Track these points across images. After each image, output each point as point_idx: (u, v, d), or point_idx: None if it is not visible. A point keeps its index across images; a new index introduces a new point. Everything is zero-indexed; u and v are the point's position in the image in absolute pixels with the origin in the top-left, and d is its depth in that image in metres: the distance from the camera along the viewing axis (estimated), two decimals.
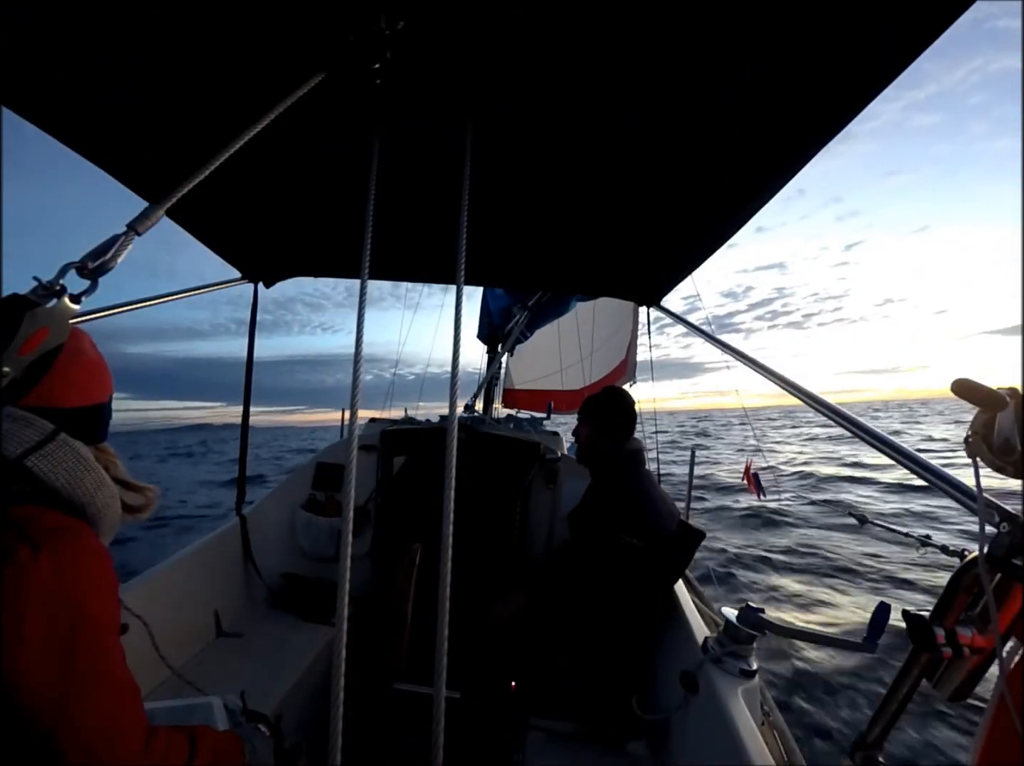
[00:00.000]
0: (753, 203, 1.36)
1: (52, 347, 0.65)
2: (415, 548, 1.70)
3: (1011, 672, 0.63)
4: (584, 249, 1.84)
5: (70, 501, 0.65)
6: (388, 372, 6.93)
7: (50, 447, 0.64)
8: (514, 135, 1.19)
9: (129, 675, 0.64)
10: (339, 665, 0.66)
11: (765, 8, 0.78)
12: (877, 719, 0.80)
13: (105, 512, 0.70)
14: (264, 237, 1.81)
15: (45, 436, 0.64)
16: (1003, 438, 0.65)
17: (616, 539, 1.52)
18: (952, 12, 0.73)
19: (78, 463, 0.67)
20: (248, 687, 1.12)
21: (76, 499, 0.66)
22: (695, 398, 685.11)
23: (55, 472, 0.64)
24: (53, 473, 0.64)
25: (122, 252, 0.68)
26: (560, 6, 0.80)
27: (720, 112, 1.04)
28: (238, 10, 0.84)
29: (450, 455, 0.76)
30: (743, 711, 1.09)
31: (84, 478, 0.67)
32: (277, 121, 0.84)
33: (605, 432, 1.77)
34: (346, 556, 0.71)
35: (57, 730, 0.54)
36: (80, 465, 0.67)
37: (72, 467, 0.66)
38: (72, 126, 1.13)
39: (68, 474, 0.65)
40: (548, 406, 4.28)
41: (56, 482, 0.64)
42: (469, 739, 1.46)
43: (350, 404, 0.79)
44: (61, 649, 0.55)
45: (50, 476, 0.63)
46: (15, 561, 0.54)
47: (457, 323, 0.88)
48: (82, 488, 0.66)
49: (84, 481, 0.67)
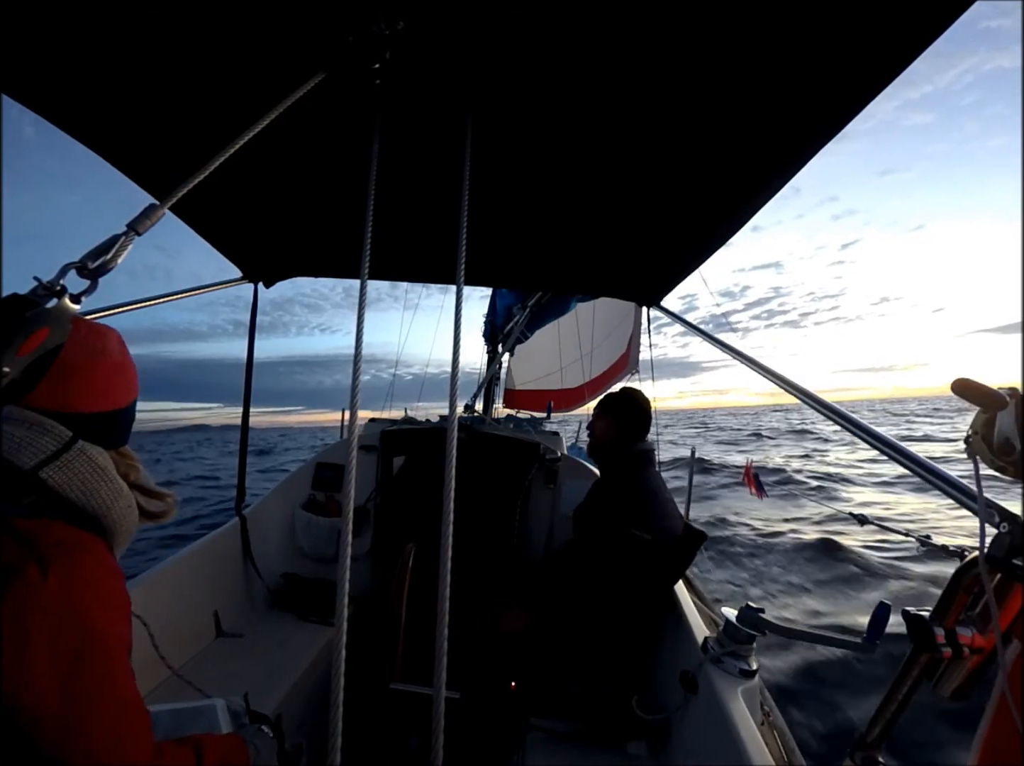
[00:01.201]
0: (753, 203, 1.36)
1: (52, 347, 0.65)
2: (408, 549, 1.70)
3: (1011, 672, 0.63)
4: (584, 249, 1.84)
5: (83, 512, 0.64)
6: (386, 372, 6.94)
7: (67, 457, 0.62)
8: (514, 135, 1.19)
9: (137, 694, 0.62)
10: (339, 665, 0.66)
11: (764, 9, 0.78)
12: (877, 719, 0.80)
13: (121, 522, 0.68)
14: (264, 237, 1.81)
15: (62, 445, 0.62)
16: (1003, 438, 0.64)
17: (627, 534, 1.52)
18: (949, 15, 0.73)
19: (95, 473, 0.65)
20: (248, 687, 1.12)
21: (90, 510, 0.64)
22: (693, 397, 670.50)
23: (70, 484, 0.62)
24: (68, 485, 0.62)
25: (122, 252, 0.68)
26: (559, 6, 0.80)
27: (719, 113, 1.04)
28: (239, 10, 0.84)
29: (450, 455, 0.76)
30: (743, 711, 1.09)
31: (100, 489, 0.65)
32: (277, 121, 0.84)
33: (620, 429, 1.79)
34: (346, 556, 0.71)
35: (63, 750, 0.53)
36: (96, 475, 0.65)
37: (88, 478, 0.64)
38: (80, 120, 1.14)
39: (84, 485, 0.63)
40: (548, 406, 4.29)
41: (70, 494, 0.62)
42: (469, 739, 1.46)
43: (350, 404, 0.79)
44: (68, 668, 0.54)
45: (64, 488, 0.61)
46: (23, 577, 0.53)
47: (457, 323, 0.88)
48: (97, 499, 0.65)
49: (100, 492, 0.65)
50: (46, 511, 0.60)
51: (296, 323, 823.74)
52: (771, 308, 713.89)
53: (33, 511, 0.59)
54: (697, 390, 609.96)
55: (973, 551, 0.72)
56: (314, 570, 2.33)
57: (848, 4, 0.76)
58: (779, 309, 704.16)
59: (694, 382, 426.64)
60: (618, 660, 1.52)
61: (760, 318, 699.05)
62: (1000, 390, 0.66)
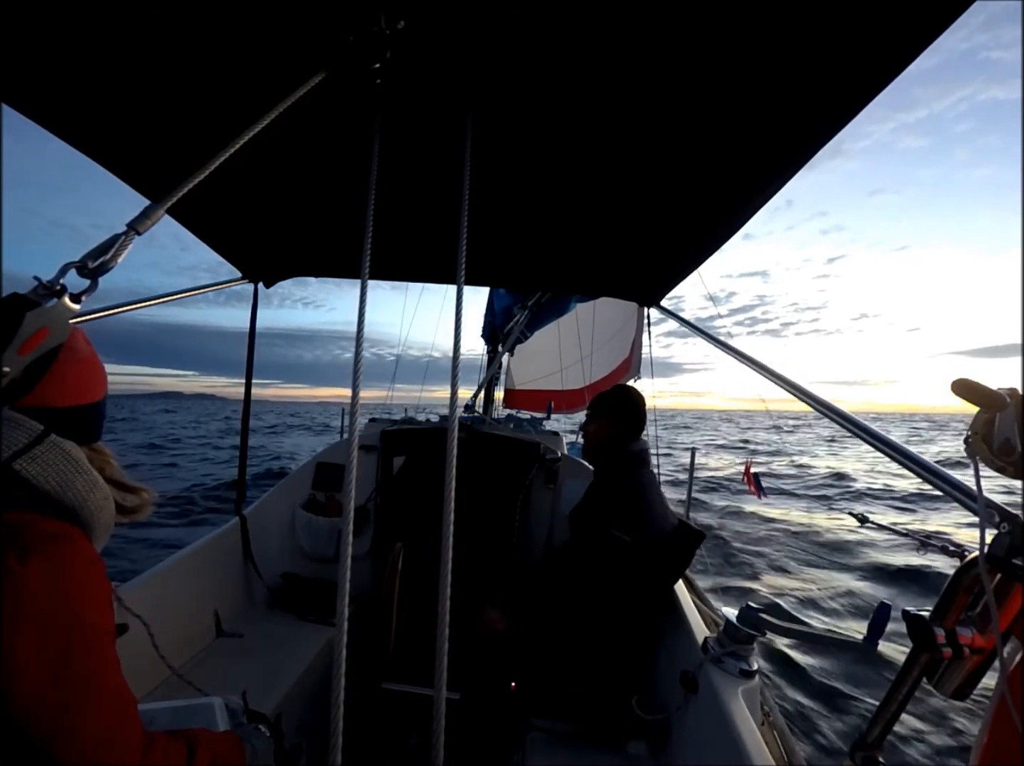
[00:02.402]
0: (752, 203, 1.36)
1: (52, 347, 0.65)
2: (396, 548, 1.70)
3: (1012, 672, 0.63)
4: (584, 249, 1.84)
5: (61, 504, 0.64)
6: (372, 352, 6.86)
7: (39, 450, 0.62)
8: (514, 135, 1.19)
9: (125, 683, 0.63)
10: (339, 665, 0.66)
11: (764, 11, 0.78)
12: (877, 719, 0.80)
13: (98, 515, 0.68)
14: (264, 237, 1.81)
15: (34, 438, 0.62)
16: (1003, 438, 0.65)
17: (606, 534, 1.52)
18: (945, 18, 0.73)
19: (68, 465, 0.65)
20: (248, 687, 1.12)
21: (67, 502, 0.65)
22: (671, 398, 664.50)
23: (44, 475, 0.62)
24: (43, 476, 0.62)
25: (122, 252, 0.68)
26: (559, 6, 0.81)
27: (719, 113, 1.04)
28: (239, 10, 0.84)
29: (450, 455, 0.76)
30: (743, 711, 1.09)
31: (75, 480, 0.65)
32: (278, 121, 0.84)
33: (614, 430, 1.78)
34: (346, 556, 0.71)
35: (53, 740, 0.53)
36: (71, 467, 0.65)
37: (62, 470, 0.64)
38: (76, 125, 1.14)
39: (58, 477, 0.64)
40: (548, 406, 4.29)
41: (46, 485, 0.62)
42: (469, 739, 1.46)
43: (351, 403, 0.79)
44: (55, 658, 0.54)
45: (39, 479, 0.62)
46: (5, 569, 0.53)
47: (458, 323, 0.88)
48: (73, 491, 0.65)
49: (75, 484, 0.65)
50: (24, 504, 0.61)
51: (279, 295, 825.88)
52: (755, 315, 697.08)
53: (10, 504, 0.60)
54: (676, 390, 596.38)
55: (973, 551, 0.72)
56: (314, 570, 2.33)
57: (847, 6, 0.76)
58: (762, 317, 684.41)
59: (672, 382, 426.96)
60: (618, 660, 1.52)
61: (743, 324, 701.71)
62: (1000, 390, 0.66)
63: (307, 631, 1.92)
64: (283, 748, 0.94)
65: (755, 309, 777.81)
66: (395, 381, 5.00)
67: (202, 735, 0.75)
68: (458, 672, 0.99)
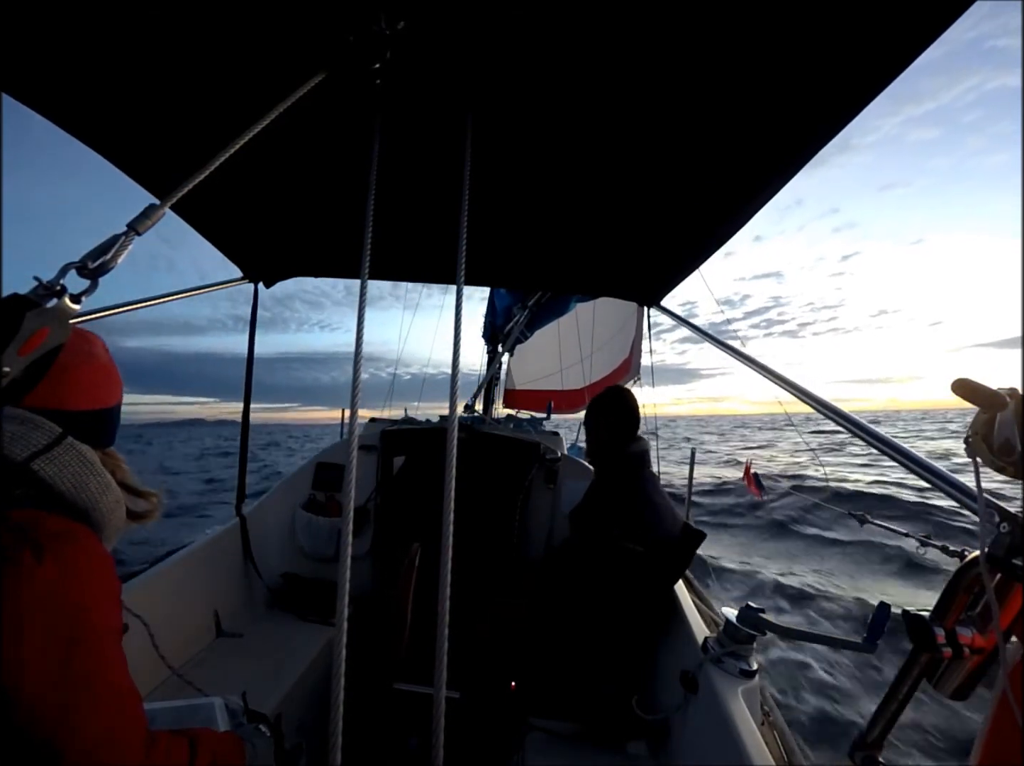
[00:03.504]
0: (752, 203, 1.36)
1: (52, 347, 0.65)
2: (415, 548, 1.70)
3: (1012, 672, 0.63)
4: (584, 248, 1.84)
5: (74, 505, 0.65)
6: (385, 371, 6.89)
7: (57, 451, 0.64)
8: (514, 135, 1.19)
9: (130, 681, 0.63)
10: (339, 665, 0.66)
11: (764, 10, 0.78)
12: (877, 719, 0.80)
13: (109, 517, 0.70)
14: (265, 237, 1.81)
15: (52, 439, 0.64)
16: (1003, 438, 0.65)
17: (619, 546, 1.52)
18: (947, 17, 0.73)
19: (84, 467, 0.67)
20: (248, 687, 1.12)
21: (80, 503, 0.66)
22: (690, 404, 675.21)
23: (60, 476, 0.64)
24: (59, 477, 0.64)
25: (122, 252, 0.68)
26: (559, 6, 0.81)
27: (719, 112, 1.04)
28: (239, 10, 0.84)
29: (450, 455, 0.76)
30: (743, 711, 1.09)
31: (89, 482, 0.67)
32: (278, 121, 0.84)
33: (610, 431, 1.79)
34: (346, 556, 0.71)
35: (56, 736, 0.54)
36: (86, 469, 0.67)
37: (78, 471, 0.66)
38: (84, 121, 1.15)
39: (73, 478, 0.65)
40: (548, 406, 4.28)
41: (61, 486, 0.64)
42: (469, 739, 1.46)
43: (350, 404, 0.79)
44: (62, 653, 0.55)
45: (55, 480, 0.63)
46: (17, 563, 0.54)
47: (457, 323, 0.88)
48: (87, 492, 0.66)
49: (89, 485, 0.67)
50: (39, 503, 0.62)
51: (296, 319, 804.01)
52: (770, 317, 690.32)
53: (26, 503, 0.61)
54: (693, 397, 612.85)
55: (973, 551, 0.72)
56: (314, 570, 2.33)
57: (847, 5, 0.76)
58: (778, 319, 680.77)
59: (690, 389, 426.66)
60: (618, 660, 1.52)
61: (759, 327, 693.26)
62: (1000, 390, 0.66)
63: (307, 631, 1.92)
64: (283, 748, 0.94)
65: (770, 311, 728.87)
66: (392, 399, 5.01)
67: (203, 734, 0.75)
68: (461, 672, 0.99)
